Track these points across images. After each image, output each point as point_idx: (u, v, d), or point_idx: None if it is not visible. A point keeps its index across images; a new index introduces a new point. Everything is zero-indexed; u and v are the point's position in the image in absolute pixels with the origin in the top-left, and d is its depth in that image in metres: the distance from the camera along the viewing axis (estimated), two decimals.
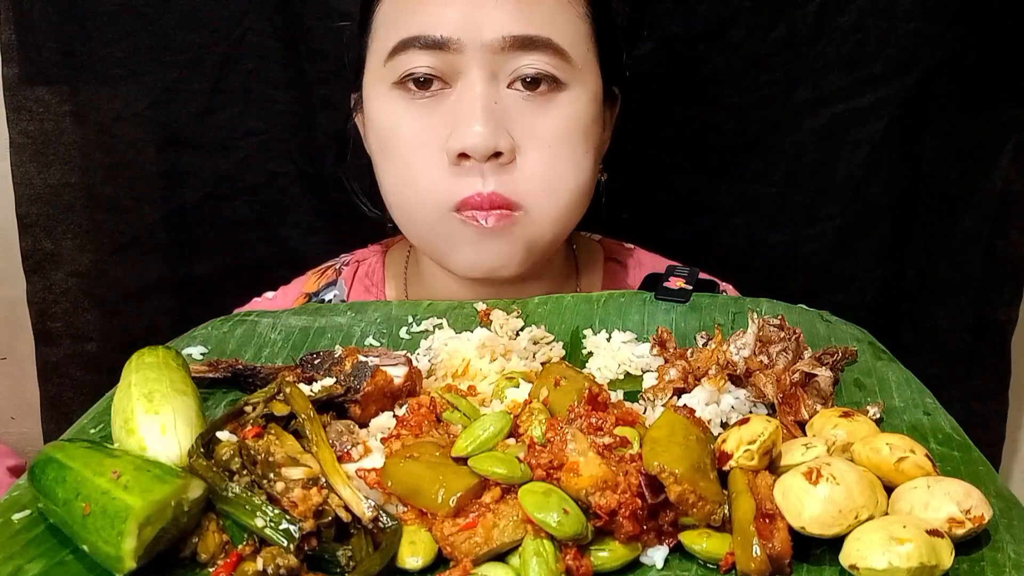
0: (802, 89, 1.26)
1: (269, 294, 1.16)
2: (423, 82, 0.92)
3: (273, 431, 0.66)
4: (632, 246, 1.18)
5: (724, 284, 1.12)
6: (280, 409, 0.68)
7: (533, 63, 0.91)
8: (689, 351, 0.79)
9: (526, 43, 0.90)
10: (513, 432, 0.66)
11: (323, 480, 0.62)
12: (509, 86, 0.92)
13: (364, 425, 0.71)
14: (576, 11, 0.94)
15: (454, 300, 0.95)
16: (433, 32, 0.90)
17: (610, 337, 0.87)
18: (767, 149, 1.29)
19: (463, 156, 0.90)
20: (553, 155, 0.93)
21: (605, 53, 0.98)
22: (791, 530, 0.58)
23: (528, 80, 0.91)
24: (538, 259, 0.98)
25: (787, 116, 1.27)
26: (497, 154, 0.90)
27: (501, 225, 0.92)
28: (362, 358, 0.74)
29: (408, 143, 0.94)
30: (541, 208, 0.93)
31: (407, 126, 0.94)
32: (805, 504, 0.58)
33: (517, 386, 0.75)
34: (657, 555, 0.60)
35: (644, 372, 0.81)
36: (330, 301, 1.12)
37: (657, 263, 1.15)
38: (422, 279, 1.10)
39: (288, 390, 0.69)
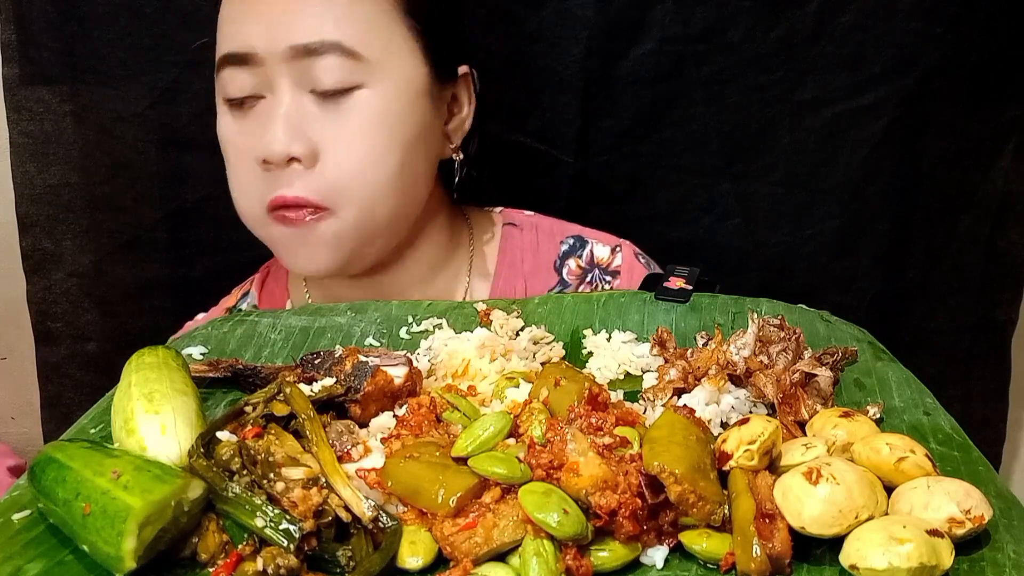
0: (802, 89, 1.26)
1: (201, 315, 1.20)
2: (236, 102, 0.99)
3: (273, 431, 0.66)
4: (532, 213, 1.20)
5: (621, 240, 1.15)
6: (280, 409, 0.68)
7: (323, 70, 0.95)
8: (689, 351, 0.79)
9: (312, 51, 0.94)
10: (513, 432, 0.66)
11: (323, 480, 0.62)
12: (311, 92, 0.96)
13: (364, 425, 0.71)
14: (377, 4, 0.97)
15: (351, 299, 1.01)
16: (238, 49, 0.97)
17: (610, 337, 0.87)
18: (767, 149, 1.29)
19: (267, 162, 0.97)
20: (353, 154, 0.97)
21: (432, 36, 1.01)
22: (791, 530, 0.58)
23: (320, 89, 0.96)
24: (358, 254, 1.02)
25: (787, 116, 1.27)
26: (296, 159, 0.96)
27: (308, 223, 0.98)
28: (362, 358, 0.74)
29: (234, 152, 1.02)
30: (346, 206, 0.98)
31: (233, 137, 1.01)
32: (805, 504, 0.58)
33: (517, 386, 0.75)
34: (657, 555, 0.60)
35: (644, 372, 0.81)
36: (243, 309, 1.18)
37: (556, 227, 1.18)
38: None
39: (288, 390, 0.69)
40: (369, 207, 0.99)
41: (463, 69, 1.06)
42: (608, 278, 1.13)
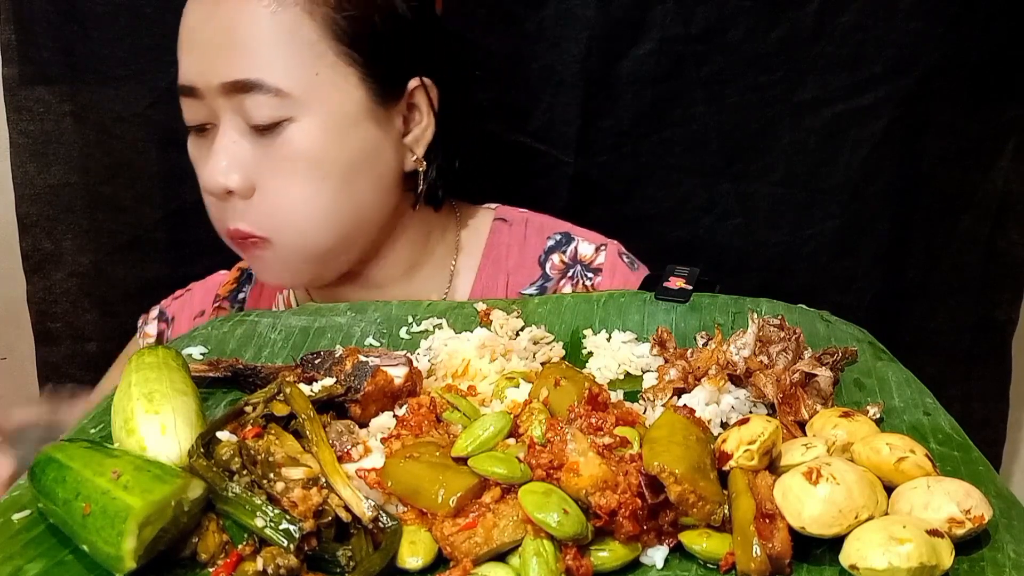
0: (802, 89, 1.26)
1: (222, 272, 1.24)
2: (196, 128, 1.02)
3: (273, 431, 0.66)
4: (526, 210, 1.20)
5: (608, 240, 1.15)
6: (280, 409, 0.68)
7: (253, 106, 0.96)
8: (689, 351, 0.79)
9: (240, 87, 0.96)
10: (513, 432, 0.66)
11: (323, 480, 0.62)
12: (248, 125, 0.97)
13: (364, 425, 0.71)
14: (302, 37, 0.96)
15: (335, 288, 1.08)
16: (183, 81, 1.00)
17: (610, 337, 0.87)
18: (767, 149, 1.29)
19: (208, 193, 1.01)
20: (285, 188, 0.99)
21: (370, 59, 1.00)
22: (791, 530, 0.58)
23: (252, 124, 0.97)
24: (320, 270, 1.06)
25: (787, 116, 1.27)
26: (232, 191, 0.99)
27: (254, 254, 1.02)
28: (362, 358, 0.74)
29: (199, 175, 1.04)
30: (284, 240, 1.01)
31: (195, 163, 1.04)
32: (805, 504, 0.58)
33: (517, 386, 0.75)
34: (657, 555, 0.60)
35: (644, 372, 0.81)
36: (252, 275, 1.23)
37: (546, 223, 1.18)
38: None
39: (288, 390, 0.69)
40: (308, 236, 1.01)
41: (414, 83, 1.04)
42: (590, 275, 1.13)
